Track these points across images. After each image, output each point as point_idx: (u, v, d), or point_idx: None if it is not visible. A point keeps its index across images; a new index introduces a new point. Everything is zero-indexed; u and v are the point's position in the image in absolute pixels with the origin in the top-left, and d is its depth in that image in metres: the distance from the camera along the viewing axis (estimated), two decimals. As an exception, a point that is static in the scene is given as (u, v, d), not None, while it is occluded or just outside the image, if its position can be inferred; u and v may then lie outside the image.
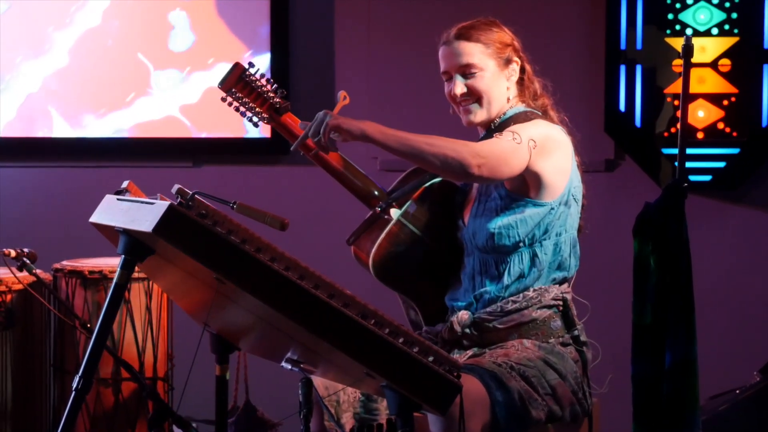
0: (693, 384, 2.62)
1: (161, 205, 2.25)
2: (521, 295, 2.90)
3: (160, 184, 2.92)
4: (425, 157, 2.76)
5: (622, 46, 4.73)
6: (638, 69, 4.72)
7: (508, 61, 2.98)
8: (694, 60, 2.75)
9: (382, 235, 2.95)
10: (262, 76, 2.92)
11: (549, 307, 2.92)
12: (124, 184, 2.76)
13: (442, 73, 3.01)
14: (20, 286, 3.71)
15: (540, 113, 3.00)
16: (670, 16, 4.71)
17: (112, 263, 3.86)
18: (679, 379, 2.61)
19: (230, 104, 2.93)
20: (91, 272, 3.79)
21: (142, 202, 2.37)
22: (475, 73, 2.95)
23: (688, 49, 2.71)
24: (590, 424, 2.95)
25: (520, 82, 3.02)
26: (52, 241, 4.66)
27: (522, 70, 3.01)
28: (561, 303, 2.93)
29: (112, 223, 2.42)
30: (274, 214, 2.50)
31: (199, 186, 2.51)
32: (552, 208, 2.90)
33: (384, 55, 4.91)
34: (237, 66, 2.91)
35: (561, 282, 2.95)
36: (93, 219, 2.57)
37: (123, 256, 2.42)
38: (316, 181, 4.84)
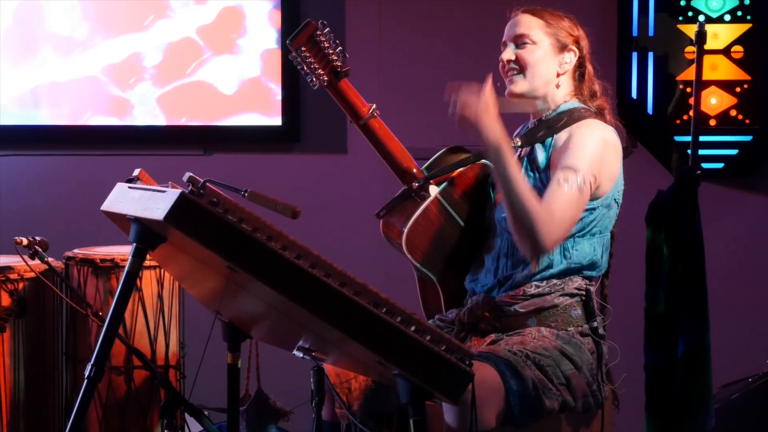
0: (706, 373, 2.61)
1: (173, 193, 2.25)
2: (545, 281, 2.90)
3: (171, 172, 2.91)
4: (514, 210, 2.74)
5: (634, 33, 4.71)
6: (650, 56, 4.70)
7: (564, 47, 2.98)
8: (706, 47, 2.73)
9: (419, 211, 2.96)
10: (331, 37, 2.91)
11: (572, 295, 2.91)
12: (136, 172, 2.77)
13: (502, 44, 3.02)
14: (32, 275, 3.71)
15: (594, 111, 2.99)
16: (683, 3, 4.68)
17: (123, 251, 3.86)
18: (691, 368, 2.60)
19: (295, 61, 2.92)
20: (102, 260, 3.78)
21: (154, 190, 2.36)
22: (526, 44, 2.96)
23: (702, 36, 2.69)
24: (602, 416, 2.93)
25: (580, 79, 3.01)
26: (63, 229, 4.66)
27: (581, 65, 3.01)
28: (584, 293, 2.92)
29: (124, 211, 2.42)
30: (285, 202, 2.50)
31: (210, 174, 2.50)
32: (594, 209, 2.89)
33: (395, 38, 4.89)
34: (309, 24, 2.90)
35: (587, 278, 2.95)
36: (104, 207, 2.57)
37: (134, 244, 2.42)
38: (327, 169, 4.85)
